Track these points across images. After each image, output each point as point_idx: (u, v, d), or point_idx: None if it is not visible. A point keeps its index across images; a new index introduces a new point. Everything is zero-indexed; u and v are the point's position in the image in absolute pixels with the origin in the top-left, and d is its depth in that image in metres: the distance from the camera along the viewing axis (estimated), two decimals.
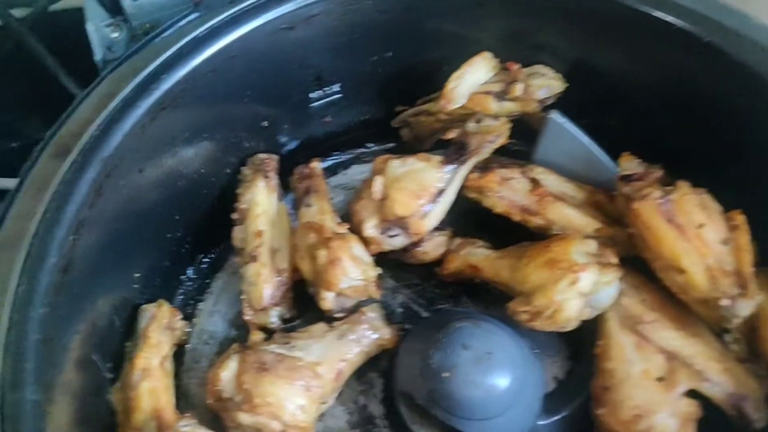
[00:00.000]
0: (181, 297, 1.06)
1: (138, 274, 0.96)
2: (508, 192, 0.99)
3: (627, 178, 0.91)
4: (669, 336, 0.85)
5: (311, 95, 1.08)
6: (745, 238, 0.83)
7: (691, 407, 0.80)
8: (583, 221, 0.96)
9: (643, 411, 0.79)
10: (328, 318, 0.96)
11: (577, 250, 0.87)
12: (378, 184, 0.97)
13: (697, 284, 0.81)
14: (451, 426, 0.84)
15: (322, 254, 0.93)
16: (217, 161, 1.03)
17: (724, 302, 0.79)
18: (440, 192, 0.97)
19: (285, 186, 1.07)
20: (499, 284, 0.95)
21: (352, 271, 0.92)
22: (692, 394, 0.82)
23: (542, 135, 1.01)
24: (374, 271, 0.95)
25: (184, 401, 0.95)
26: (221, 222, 1.03)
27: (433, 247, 1.01)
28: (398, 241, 0.98)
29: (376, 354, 0.96)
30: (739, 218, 0.84)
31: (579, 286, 0.84)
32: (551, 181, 1.00)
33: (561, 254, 0.87)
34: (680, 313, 0.86)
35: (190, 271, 1.08)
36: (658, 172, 0.91)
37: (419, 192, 0.96)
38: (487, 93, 1.00)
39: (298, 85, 1.06)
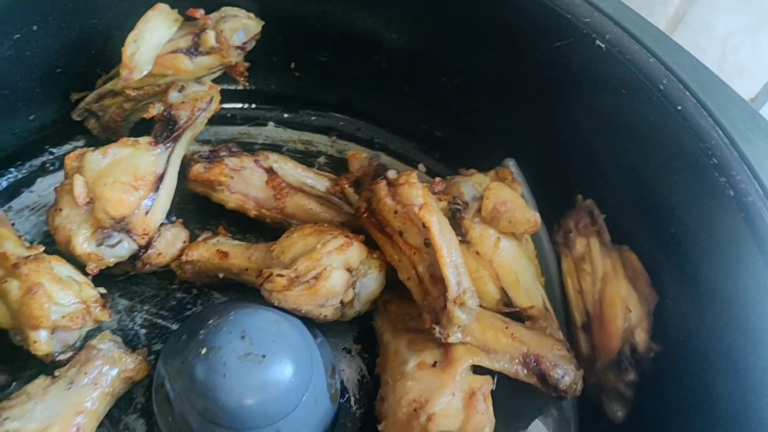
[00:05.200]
0: None
1: None
2: (240, 184, 0.88)
3: (356, 185, 0.84)
4: None
5: None
6: (432, 236, 0.71)
7: (476, 382, 0.71)
8: (326, 215, 0.87)
9: (421, 401, 0.70)
10: (51, 369, 0.75)
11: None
12: (80, 186, 0.79)
13: (417, 299, 0.74)
14: None
15: (14, 286, 0.73)
16: None
17: (434, 328, 0.71)
18: (159, 178, 0.82)
19: None
20: (250, 272, 0.81)
21: (61, 295, 0.74)
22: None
23: None
24: (93, 291, 0.78)
25: None
26: None
27: (166, 245, 0.84)
28: (123, 249, 0.81)
29: (126, 391, 0.77)
30: (422, 214, 0.72)
31: (348, 254, 0.76)
32: (289, 170, 0.90)
33: (330, 228, 0.79)
34: None
35: None
36: (371, 165, 0.84)
37: (135, 183, 0.80)
38: (176, 51, 0.85)
39: None
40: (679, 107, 0.68)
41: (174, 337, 0.77)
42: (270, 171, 0.89)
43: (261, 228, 0.88)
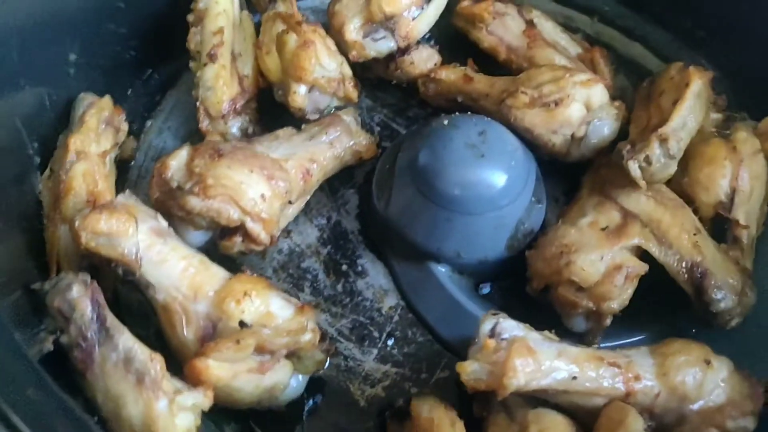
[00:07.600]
0: (126, 113, 0.88)
1: (73, 57, 0.82)
2: (499, 27, 0.92)
3: None
4: (639, 199, 0.76)
5: None
6: (685, 96, 0.76)
7: (630, 261, 0.72)
8: None
9: (569, 248, 0.72)
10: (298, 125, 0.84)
11: None
12: None
13: (633, 129, 0.80)
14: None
15: (292, 38, 0.82)
16: None
17: (625, 145, 0.74)
18: None
19: None
20: (490, 98, 0.85)
21: (326, 59, 0.82)
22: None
23: None
24: (349, 71, 0.85)
25: None
26: (172, 33, 0.89)
27: (421, 59, 0.90)
28: (384, 46, 0.88)
29: (352, 164, 0.85)
30: (692, 76, 0.78)
31: (591, 90, 0.78)
32: (547, 27, 0.93)
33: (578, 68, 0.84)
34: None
35: (138, 86, 0.94)
36: None
37: None
38: None
39: None
40: None
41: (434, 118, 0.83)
42: (530, 23, 0.92)
43: (505, 74, 0.90)
